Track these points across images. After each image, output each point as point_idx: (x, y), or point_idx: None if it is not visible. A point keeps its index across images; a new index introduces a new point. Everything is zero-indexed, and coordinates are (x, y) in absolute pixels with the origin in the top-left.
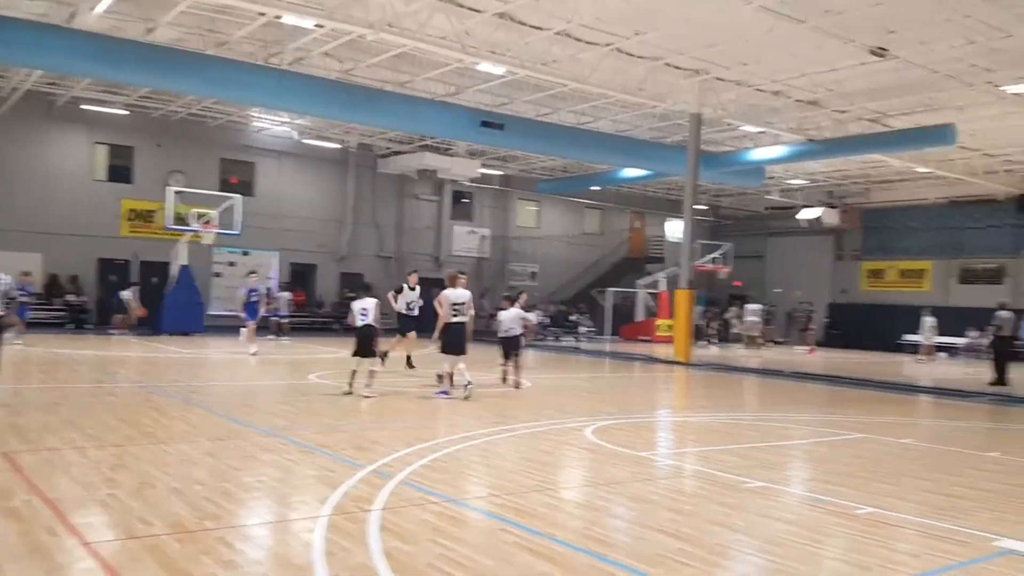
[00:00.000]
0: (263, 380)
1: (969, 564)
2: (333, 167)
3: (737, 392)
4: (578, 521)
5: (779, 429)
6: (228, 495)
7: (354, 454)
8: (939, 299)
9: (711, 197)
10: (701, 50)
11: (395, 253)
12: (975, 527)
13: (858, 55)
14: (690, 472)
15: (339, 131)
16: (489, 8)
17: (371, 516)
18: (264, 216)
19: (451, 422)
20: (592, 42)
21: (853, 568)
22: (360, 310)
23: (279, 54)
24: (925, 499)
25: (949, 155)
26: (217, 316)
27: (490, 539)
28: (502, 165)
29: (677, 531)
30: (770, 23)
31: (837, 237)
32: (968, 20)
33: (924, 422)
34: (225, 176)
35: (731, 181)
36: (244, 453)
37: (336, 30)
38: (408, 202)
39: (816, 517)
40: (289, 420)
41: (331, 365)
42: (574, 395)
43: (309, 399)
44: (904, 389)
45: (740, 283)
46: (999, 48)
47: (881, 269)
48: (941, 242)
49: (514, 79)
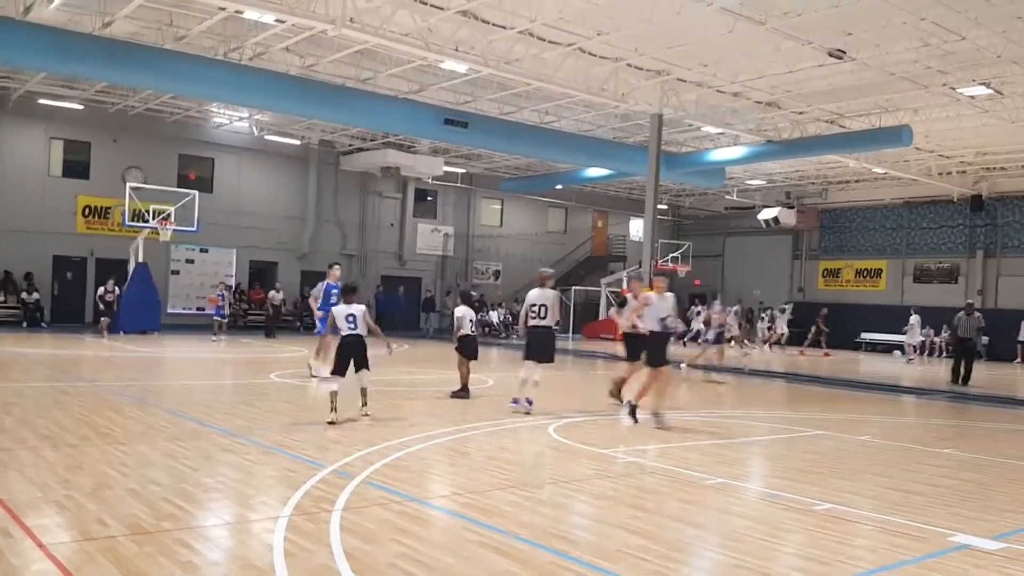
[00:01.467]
0: (222, 380)
1: (925, 559)
2: (294, 164)
3: (697, 389)
4: (541, 519)
5: (739, 426)
6: (187, 496)
7: (315, 454)
8: (894, 298)
9: (672, 197)
10: (662, 51)
11: (358, 251)
12: (931, 522)
13: (816, 57)
14: (651, 469)
15: (300, 127)
16: (452, 5)
17: (332, 516)
18: (223, 213)
19: (414, 421)
20: (555, 42)
21: (811, 563)
22: (347, 316)
23: (239, 49)
24: (882, 495)
25: (904, 156)
26: (175, 315)
27: (453, 538)
28: (466, 163)
29: (638, 528)
30: (730, 25)
31: (795, 237)
32: (923, 23)
33: (881, 419)
34: (184, 172)
35: (692, 181)
36: (203, 453)
37: (297, 25)
38: (371, 199)
39: (775, 513)
40: (249, 420)
41: (292, 364)
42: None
43: (270, 398)
44: (862, 386)
45: (699, 282)
46: (953, 51)
47: (838, 268)
48: (896, 242)
49: (477, 77)
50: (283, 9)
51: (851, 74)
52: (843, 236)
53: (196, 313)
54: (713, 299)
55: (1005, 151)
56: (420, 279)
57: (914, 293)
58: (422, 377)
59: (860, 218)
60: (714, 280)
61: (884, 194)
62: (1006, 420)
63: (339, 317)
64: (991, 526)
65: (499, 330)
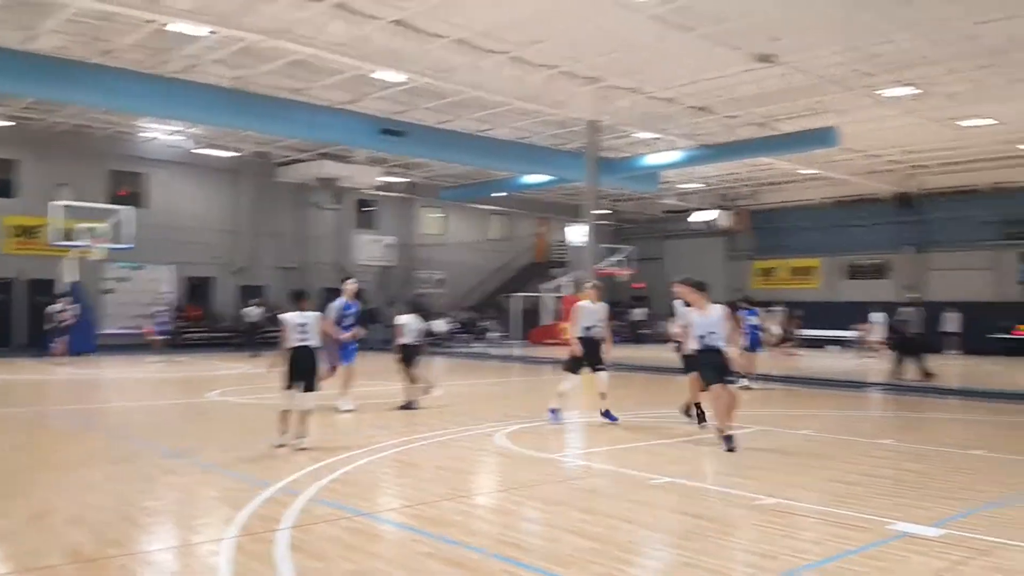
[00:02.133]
0: (162, 400)
1: (868, 548)
2: (228, 176)
3: (642, 390)
4: (491, 527)
5: (684, 425)
6: (130, 520)
7: (260, 472)
8: (828, 295)
9: (611, 202)
10: (596, 59)
11: (297, 264)
12: (872, 512)
13: (745, 62)
14: (599, 471)
15: (234, 139)
16: (386, 15)
17: (279, 535)
18: (157, 228)
19: (361, 435)
20: (490, 50)
21: (759, 558)
22: (298, 325)
23: (168, 62)
24: (825, 487)
25: (833, 157)
26: (111, 335)
27: (403, 551)
28: (405, 172)
29: (588, 530)
30: (661, 32)
31: (730, 238)
32: (849, 27)
33: (821, 413)
34: (115, 188)
35: (629, 186)
36: (145, 476)
37: (228, 37)
38: (309, 211)
39: (722, 510)
40: (191, 440)
41: (232, 382)
42: (485, 401)
43: (211, 418)
44: (800, 382)
45: (641, 285)
46: (878, 53)
47: (772, 267)
48: (828, 240)
49: (414, 86)
50: (214, 21)
51: (780, 78)
52: (776, 236)
53: (133, 333)
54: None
55: (930, 149)
56: (362, 290)
57: (847, 289)
58: (368, 389)
59: (792, 218)
60: (655, 283)
61: (815, 194)
62: (943, 410)
63: (291, 326)
64: (931, 514)
65: (444, 339)
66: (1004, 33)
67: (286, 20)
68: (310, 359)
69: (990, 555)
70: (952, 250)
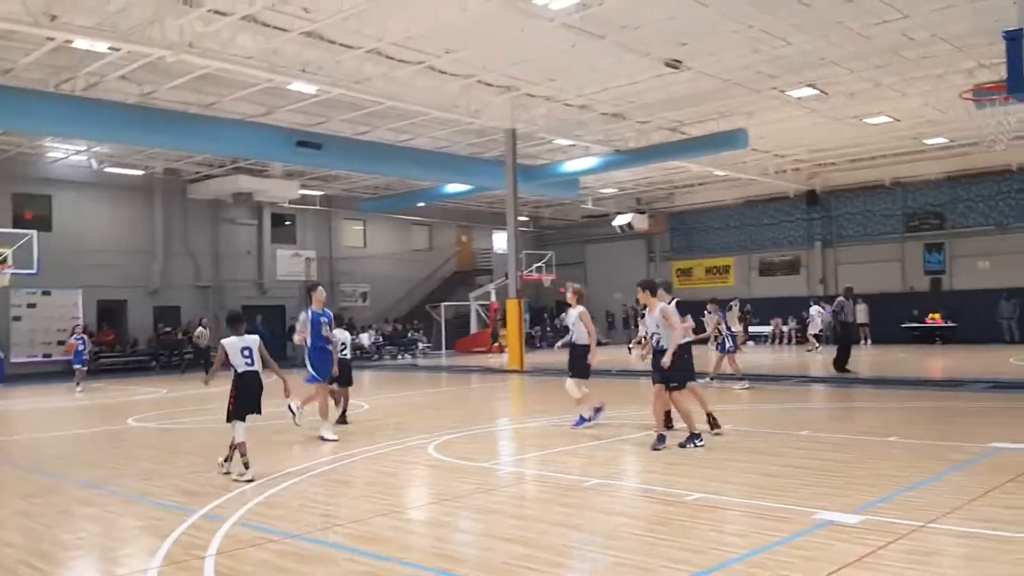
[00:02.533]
0: (76, 429)
1: (793, 538)
2: (138, 195)
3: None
4: (425, 540)
5: (610, 427)
6: (45, 556)
7: (182, 499)
8: (742, 292)
9: (532, 208)
10: (510, 67)
11: (213, 282)
12: (795, 503)
13: (655, 68)
14: (531, 477)
15: (142, 157)
16: (296, 27)
17: (206, 563)
18: (65, 252)
19: (287, 454)
20: (404, 60)
21: (688, 553)
22: (242, 350)
23: (71, 80)
24: (748, 480)
25: (743, 158)
26: (20, 363)
27: (336, 570)
28: (323, 185)
29: (521, 537)
30: (572, 40)
31: (648, 240)
32: (752, 31)
33: (740, 407)
34: (18, 212)
35: (549, 192)
36: (60, 509)
37: (133, 53)
38: (224, 228)
39: (650, 507)
40: (108, 470)
41: (149, 407)
42: (414, 413)
43: (129, 445)
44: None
45: (564, 289)
46: (781, 56)
47: (689, 267)
48: (741, 239)
49: (328, 98)
50: (116, 37)
51: (688, 83)
52: (692, 237)
53: (43, 360)
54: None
55: (834, 147)
56: (283, 307)
57: (760, 285)
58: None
59: (706, 219)
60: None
61: (727, 195)
62: (862, 399)
63: (233, 351)
64: (851, 501)
65: (371, 352)
66: (896, 33)
67: (192, 34)
68: (258, 385)
69: (908, 538)
70: (859, 244)
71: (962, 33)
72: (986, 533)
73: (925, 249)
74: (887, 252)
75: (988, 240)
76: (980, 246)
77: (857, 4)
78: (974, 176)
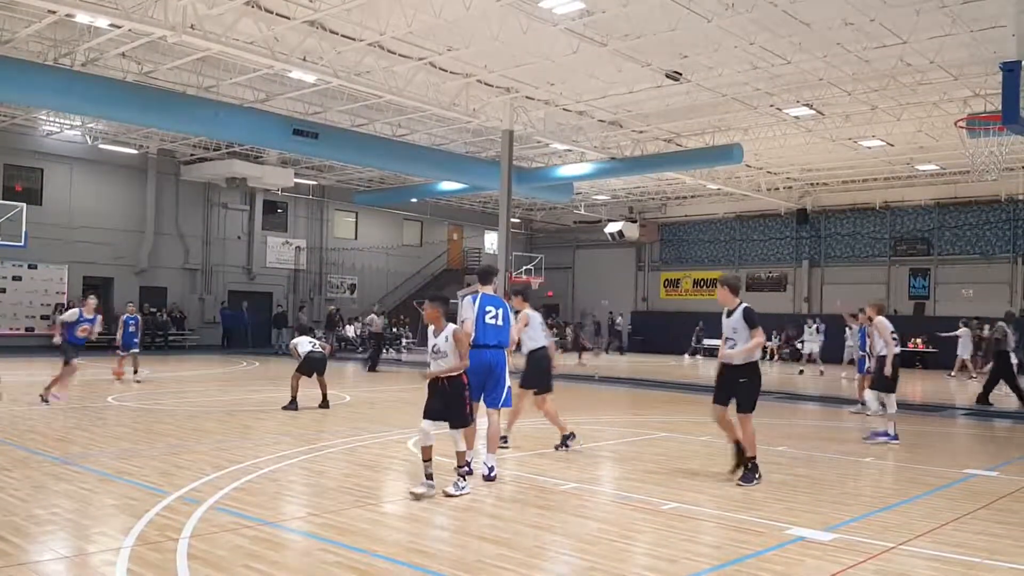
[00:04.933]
0: (55, 405)
1: (765, 552)
2: (131, 174)
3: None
4: (400, 534)
5: (589, 431)
6: (17, 530)
7: (159, 480)
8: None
9: (524, 211)
10: (510, 69)
11: (202, 265)
12: (769, 517)
13: (654, 78)
14: (508, 477)
15: (137, 136)
16: (298, 15)
17: (179, 545)
18: (54, 227)
19: (266, 441)
20: (405, 55)
21: (660, 561)
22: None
23: (70, 54)
24: (723, 492)
25: (736, 173)
26: (2, 335)
27: (308, 560)
28: (317, 175)
29: (496, 536)
30: (574, 45)
31: (638, 249)
32: (752, 47)
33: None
34: (9, 184)
35: (542, 196)
36: (34, 483)
37: (134, 31)
38: (216, 211)
39: (625, 514)
40: (84, 446)
41: (131, 386)
42: (395, 407)
43: (107, 423)
44: (700, 390)
45: (552, 293)
46: (779, 74)
47: (677, 279)
48: (730, 253)
49: (327, 88)
50: (118, 14)
51: (687, 95)
52: (681, 248)
53: (24, 334)
54: None
55: (826, 168)
56: (271, 293)
57: (747, 301)
58: (273, 395)
59: (696, 231)
60: (565, 291)
61: (718, 208)
62: (841, 419)
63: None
64: (823, 518)
65: (355, 345)
66: (894, 58)
67: (195, 16)
68: None
69: (879, 558)
70: (846, 265)
71: (959, 62)
72: (956, 558)
73: (911, 274)
74: (873, 274)
75: (973, 268)
76: (965, 274)
77: (858, 27)
78: (963, 204)
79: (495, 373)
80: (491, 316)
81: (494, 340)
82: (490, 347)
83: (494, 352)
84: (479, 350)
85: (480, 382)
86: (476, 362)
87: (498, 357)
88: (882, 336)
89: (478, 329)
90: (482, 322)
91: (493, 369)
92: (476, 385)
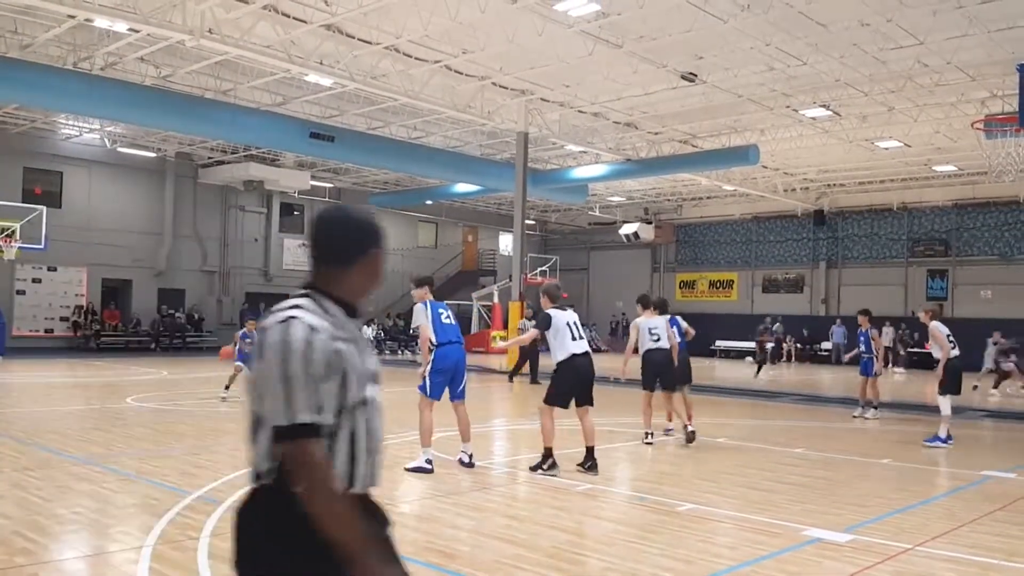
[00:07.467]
0: (75, 405)
1: (781, 553)
2: (149, 177)
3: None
4: (417, 534)
5: (606, 432)
6: (41, 529)
7: (179, 480)
8: (745, 307)
9: (539, 212)
10: (526, 71)
11: (219, 267)
12: (786, 518)
13: (670, 80)
14: (524, 478)
15: (156, 139)
16: (315, 19)
17: (200, 543)
18: (73, 229)
19: None
20: (421, 58)
21: (677, 562)
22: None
23: (89, 58)
24: (740, 494)
25: (752, 174)
26: (21, 337)
27: None
28: (333, 177)
29: (513, 537)
30: (589, 47)
31: (653, 250)
32: (769, 48)
33: (737, 422)
34: (29, 186)
35: (557, 197)
36: (57, 483)
37: (152, 35)
38: (233, 214)
39: (641, 515)
40: (106, 447)
41: (150, 388)
42: (412, 408)
43: (127, 424)
44: (716, 391)
45: (567, 295)
46: (796, 75)
47: (693, 280)
48: (746, 255)
49: (344, 91)
50: (137, 19)
51: (702, 96)
52: (697, 249)
53: (44, 335)
54: None
55: (844, 169)
56: (288, 295)
57: (763, 302)
58: None
59: (713, 232)
60: (580, 293)
61: (734, 210)
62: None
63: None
64: (840, 520)
65: (372, 346)
66: (911, 59)
67: (213, 20)
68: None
69: (896, 559)
70: (863, 266)
71: (976, 62)
72: (973, 559)
73: (928, 275)
74: (891, 276)
75: (992, 270)
76: (984, 275)
77: (874, 28)
78: (981, 205)
79: (459, 368)
80: (445, 316)
81: (456, 336)
82: (454, 343)
83: (457, 347)
84: (445, 348)
85: (447, 380)
86: (445, 360)
87: (462, 352)
88: (937, 341)
89: (438, 330)
90: (439, 323)
91: (458, 364)
92: (441, 383)
